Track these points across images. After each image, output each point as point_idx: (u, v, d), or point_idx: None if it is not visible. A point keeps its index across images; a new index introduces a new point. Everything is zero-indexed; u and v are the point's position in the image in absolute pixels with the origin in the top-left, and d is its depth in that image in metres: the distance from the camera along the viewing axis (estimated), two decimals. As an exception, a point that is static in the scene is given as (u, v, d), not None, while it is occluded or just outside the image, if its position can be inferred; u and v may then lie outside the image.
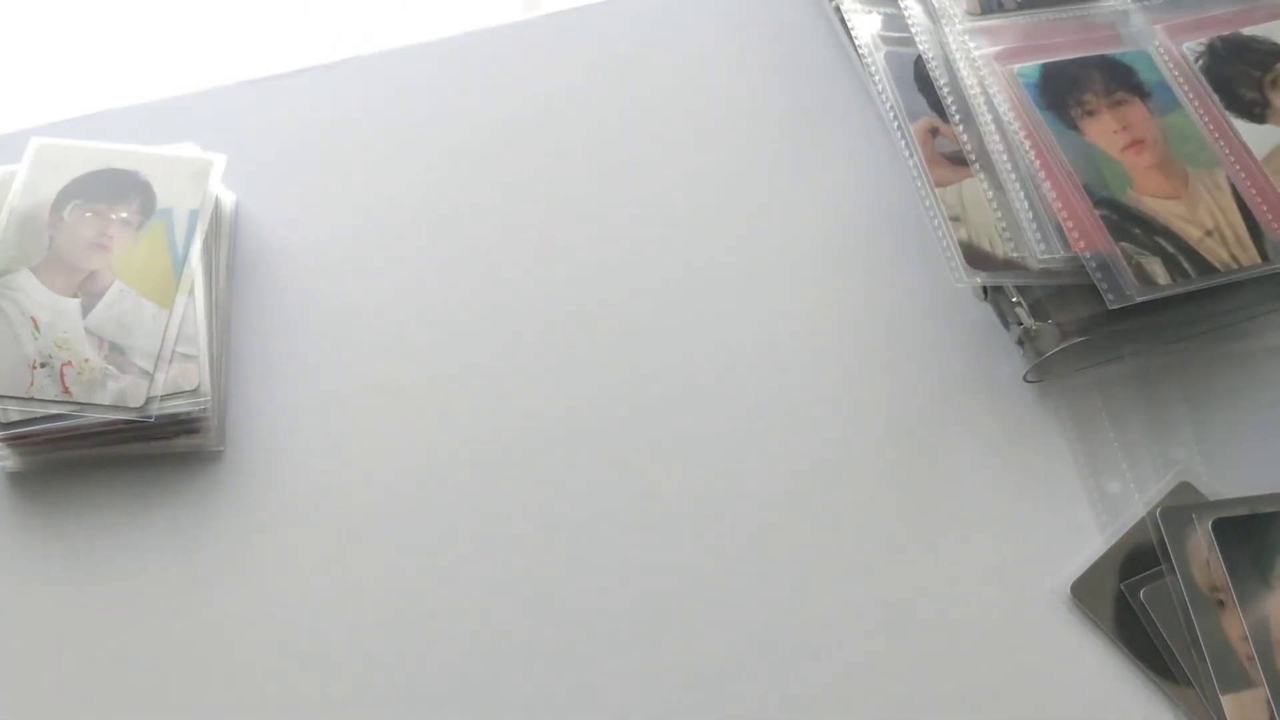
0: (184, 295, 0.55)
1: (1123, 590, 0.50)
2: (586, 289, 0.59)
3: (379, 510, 0.53)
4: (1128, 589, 0.50)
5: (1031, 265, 0.55)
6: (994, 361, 0.57)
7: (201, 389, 0.53)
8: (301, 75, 0.65)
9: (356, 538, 0.53)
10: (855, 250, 0.60)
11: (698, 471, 0.54)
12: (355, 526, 0.53)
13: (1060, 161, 0.56)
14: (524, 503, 0.53)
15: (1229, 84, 0.60)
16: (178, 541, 0.53)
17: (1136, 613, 0.49)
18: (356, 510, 0.53)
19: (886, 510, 0.53)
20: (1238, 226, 0.55)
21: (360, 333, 0.57)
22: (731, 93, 0.65)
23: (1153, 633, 0.49)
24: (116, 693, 0.50)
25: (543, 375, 0.56)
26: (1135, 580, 0.50)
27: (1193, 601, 0.49)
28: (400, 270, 0.59)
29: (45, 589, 0.52)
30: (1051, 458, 0.55)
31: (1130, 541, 0.51)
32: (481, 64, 0.66)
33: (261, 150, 0.62)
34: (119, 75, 0.69)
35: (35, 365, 0.52)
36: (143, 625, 0.51)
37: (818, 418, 0.55)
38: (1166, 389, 0.56)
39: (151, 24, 0.72)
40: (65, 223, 0.56)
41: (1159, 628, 0.49)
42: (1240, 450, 0.55)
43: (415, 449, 0.55)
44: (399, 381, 0.56)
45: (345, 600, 0.51)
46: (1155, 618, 0.49)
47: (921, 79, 0.60)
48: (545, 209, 0.61)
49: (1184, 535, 0.50)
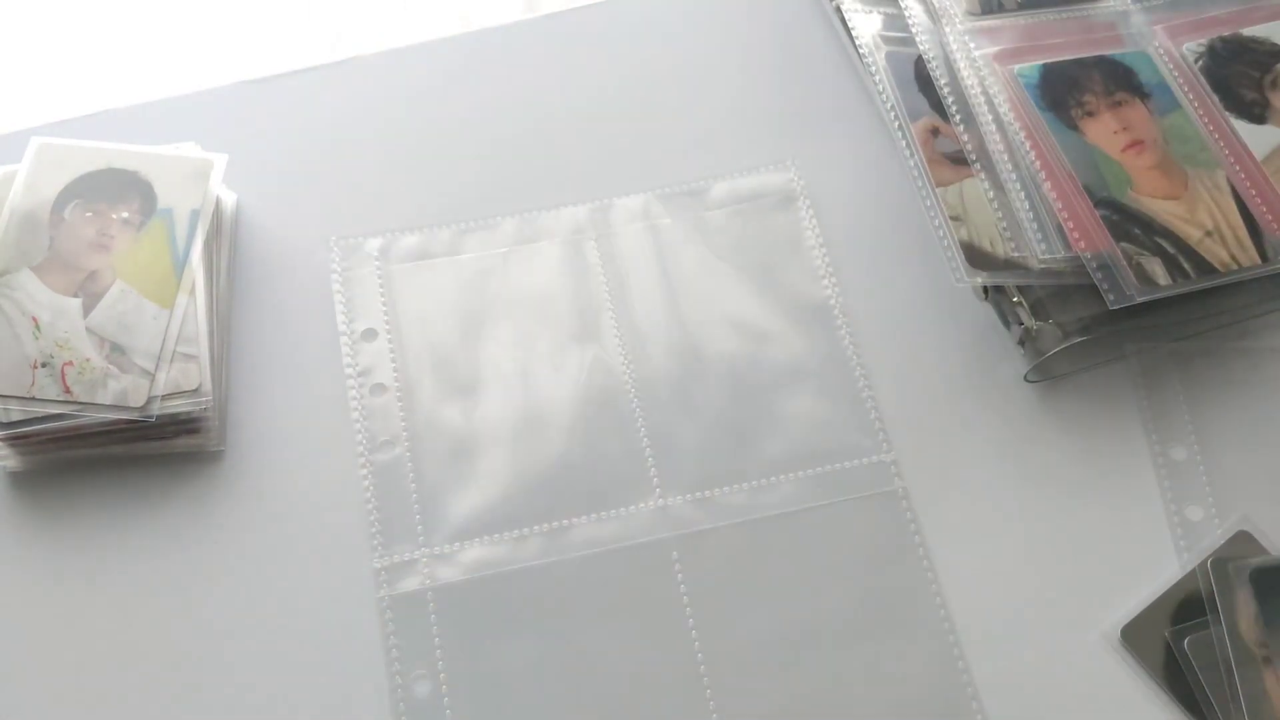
0: (185, 295, 0.55)
1: (1167, 638, 0.49)
2: (586, 294, 0.59)
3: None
4: (1173, 636, 0.49)
5: (1032, 265, 0.55)
6: (995, 361, 0.57)
7: (202, 389, 0.53)
8: (301, 75, 0.65)
9: (356, 537, 0.53)
10: (856, 250, 0.60)
11: (698, 467, 0.54)
12: (355, 526, 0.53)
13: (1060, 162, 0.56)
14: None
15: (1229, 85, 0.60)
16: (178, 541, 0.53)
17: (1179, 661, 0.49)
18: (356, 509, 0.53)
19: (891, 496, 0.54)
20: (1237, 227, 0.55)
21: (362, 341, 0.57)
22: (732, 93, 0.65)
23: (1193, 683, 0.48)
24: (116, 692, 0.50)
25: (543, 372, 0.56)
26: (1182, 628, 0.49)
27: (1236, 655, 0.48)
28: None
29: (45, 589, 0.52)
30: (1052, 457, 0.55)
31: (1184, 588, 0.51)
32: (481, 64, 0.66)
33: (261, 150, 0.62)
34: (119, 75, 0.69)
35: (36, 365, 0.52)
36: (142, 625, 0.51)
37: (821, 419, 0.55)
38: (1166, 388, 0.56)
39: (151, 24, 0.71)
40: (66, 223, 0.56)
41: (1199, 678, 0.48)
42: (1240, 450, 0.55)
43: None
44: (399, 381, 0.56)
45: (345, 599, 0.51)
46: (1197, 668, 0.48)
47: (922, 79, 0.60)
48: (545, 209, 0.61)
49: (1232, 587, 0.50)
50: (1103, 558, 0.52)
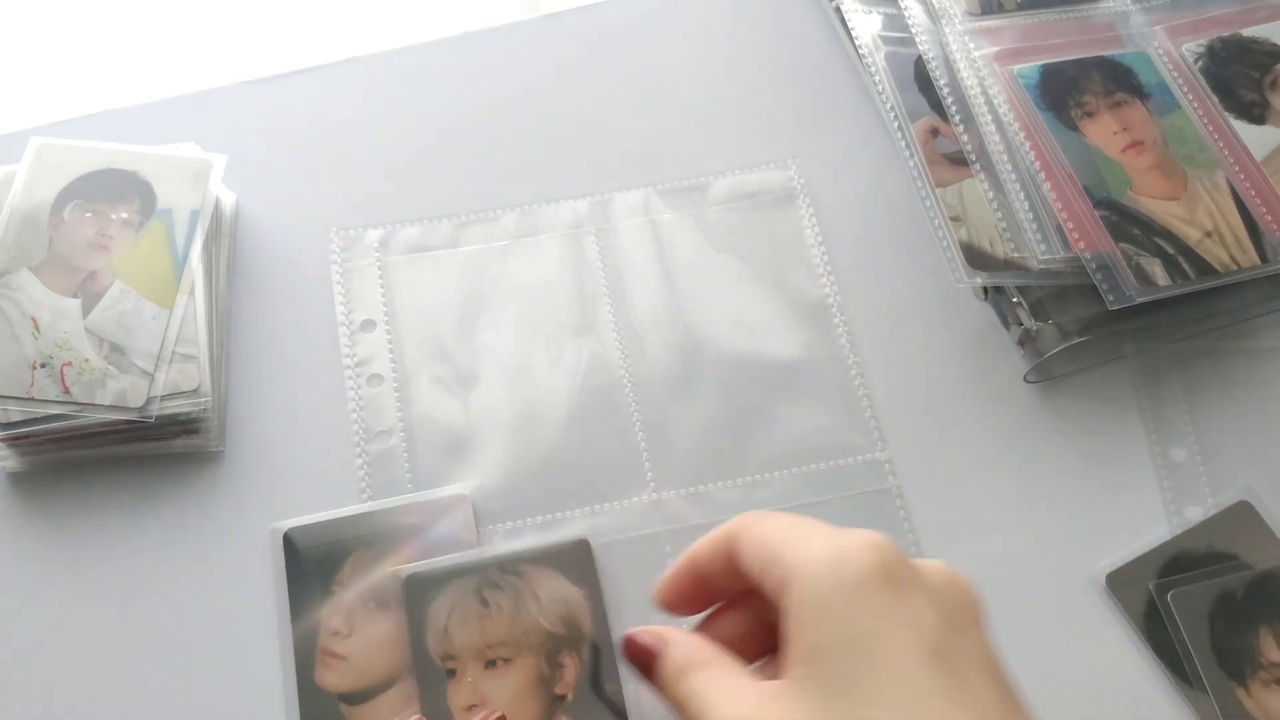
0: (184, 295, 0.55)
1: (1152, 590, 0.51)
2: (585, 288, 0.59)
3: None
4: (1157, 589, 0.50)
5: (1032, 265, 0.55)
6: (994, 362, 0.57)
7: (202, 389, 0.53)
8: (301, 75, 0.65)
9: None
10: (855, 250, 0.60)
11: (692, 462, 0.54)
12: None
13: (1060, 162, 0.56)
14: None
15: (1228, 85, 0.60)
16: (178, 542, 0.52)
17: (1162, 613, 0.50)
18: (353, 503, 0.53)
19: (885, 492, 0.54)
20: (1237, 228, 0.55)
21: (360, 332, 0.57)
22: (731, 93, 0.65)
23: (1175, 635, 0.50)
24: (116, 692, 0.50)
25: (539, 366, 0.56)
26: (1167, 581, 0.51)
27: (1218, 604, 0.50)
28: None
29: (45, 589, 0.52)
30: (1052, 458, 0.55)
31: (1177, 546, 0.52)
32: (481, 64, 0.66)
33: (261, 150, 0.62)
34: (119, 75, 0.69)
35: (35, 365, 0.52)
36: (142, 625, 0.51)
37: (817, 417, 0.55)
38: (1166, 388, 0.56)
39: (151, 24, 0.71)
40: (65, 223, 0.56)
41: (1181, 631, 0.50)
42: (1241, 451, 0.55)
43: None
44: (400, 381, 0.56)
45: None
46: (1180, 621, 0.50)
47: (922, 79, 0.60)
48: (545, 208, 0.61)
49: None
50: (1103, 558, 0.52)
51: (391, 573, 0.50)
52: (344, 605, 0.49)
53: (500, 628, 0.48)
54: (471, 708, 0.47)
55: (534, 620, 0.49)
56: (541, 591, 0.49)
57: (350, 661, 0.48)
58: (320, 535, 0.51)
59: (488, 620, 0.49)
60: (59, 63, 0.70)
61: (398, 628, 0.49)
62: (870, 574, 0.34)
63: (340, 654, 0.49)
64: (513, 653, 0.48)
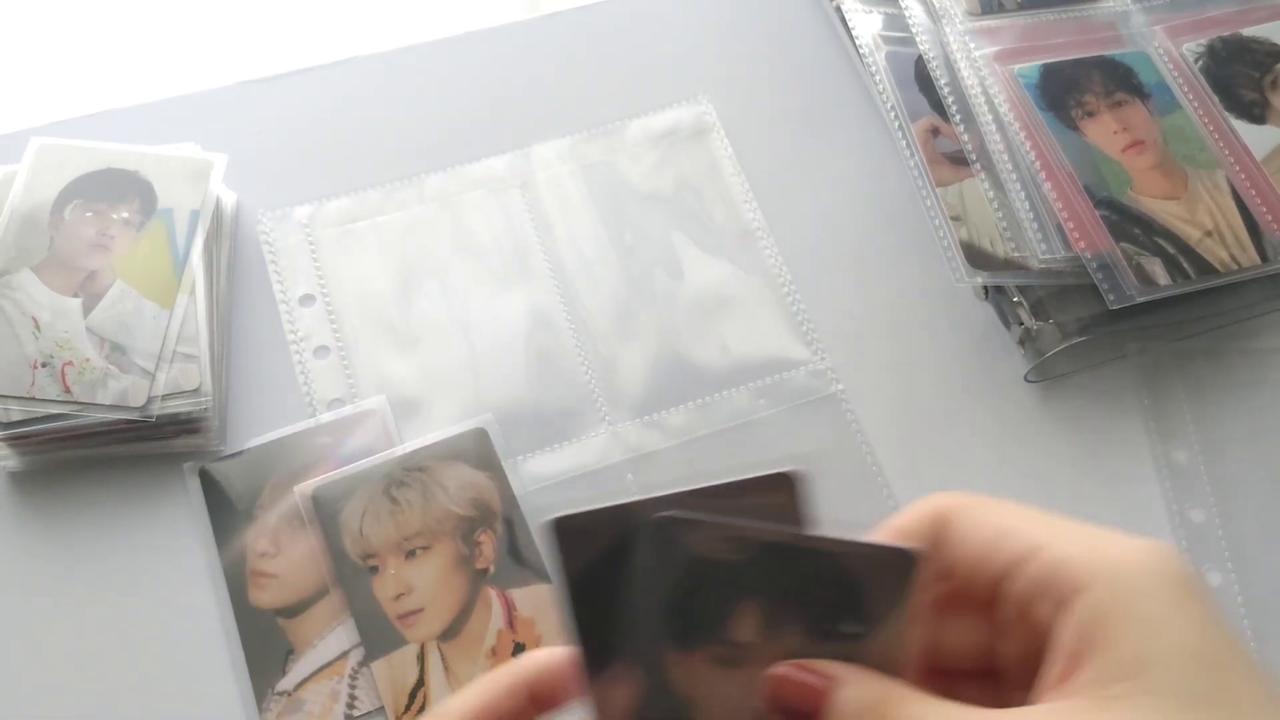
0: (185, 295, 0.55)
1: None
2: (585, 287, 0.59)
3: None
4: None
5: (1032, 265, 0.55)
6: (995, 361, 0.57)
7: (202, 389, 0.53)
8: (301, 75, 0.65)
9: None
10: (856, 250, 0.60)
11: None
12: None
13: (1060, 162, 0.56)
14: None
15: (1229, 85, 0.60)
16: (178, 541, 0.52)
17: None
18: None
19: (886, 510, 0.53)
20: (1237, 227, 0.55)
21: (361, 332, 0.57)
22: (731, 93, 0.65)
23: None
24: (116, 692, 0.49)
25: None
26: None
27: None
28: (401, 270, 0.59)
29: (45, 589, 0.52)
30: (1053, 457, 0.55)
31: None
32: (481, 64, 0.66)
33: (261, 150, 0.62)
34: (119, 75, 0.69)
35: (36, 365, 0.52)
36: (142, 625, 0.51)
37: (816, 417, 0.55)
38: (1167, 388, 0.56)
39: (151, 24, 0.71)
40: (66, 223, 0.56)
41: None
42: (1243, 452, 0.55)
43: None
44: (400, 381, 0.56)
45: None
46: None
47: (922, 79, 0.60)
48: (545, 208, 0.61)
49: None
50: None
51: (297, 491, 0.52)
52: (268, 527, 0.52)
53: (413, 520, 0.51)
54: (399, 596, 0.50)
55: (445, 508, 0.51)
56: (448, 481, 0.52)
57: (281, 578, 0.51)
58: (237, 468, 0.53)
59: (400, 515, 0.51)
60: (59, 63, 0.70)
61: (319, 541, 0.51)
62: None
63: (270, 572, 0.51)
64: (429, 540, 0.51)
